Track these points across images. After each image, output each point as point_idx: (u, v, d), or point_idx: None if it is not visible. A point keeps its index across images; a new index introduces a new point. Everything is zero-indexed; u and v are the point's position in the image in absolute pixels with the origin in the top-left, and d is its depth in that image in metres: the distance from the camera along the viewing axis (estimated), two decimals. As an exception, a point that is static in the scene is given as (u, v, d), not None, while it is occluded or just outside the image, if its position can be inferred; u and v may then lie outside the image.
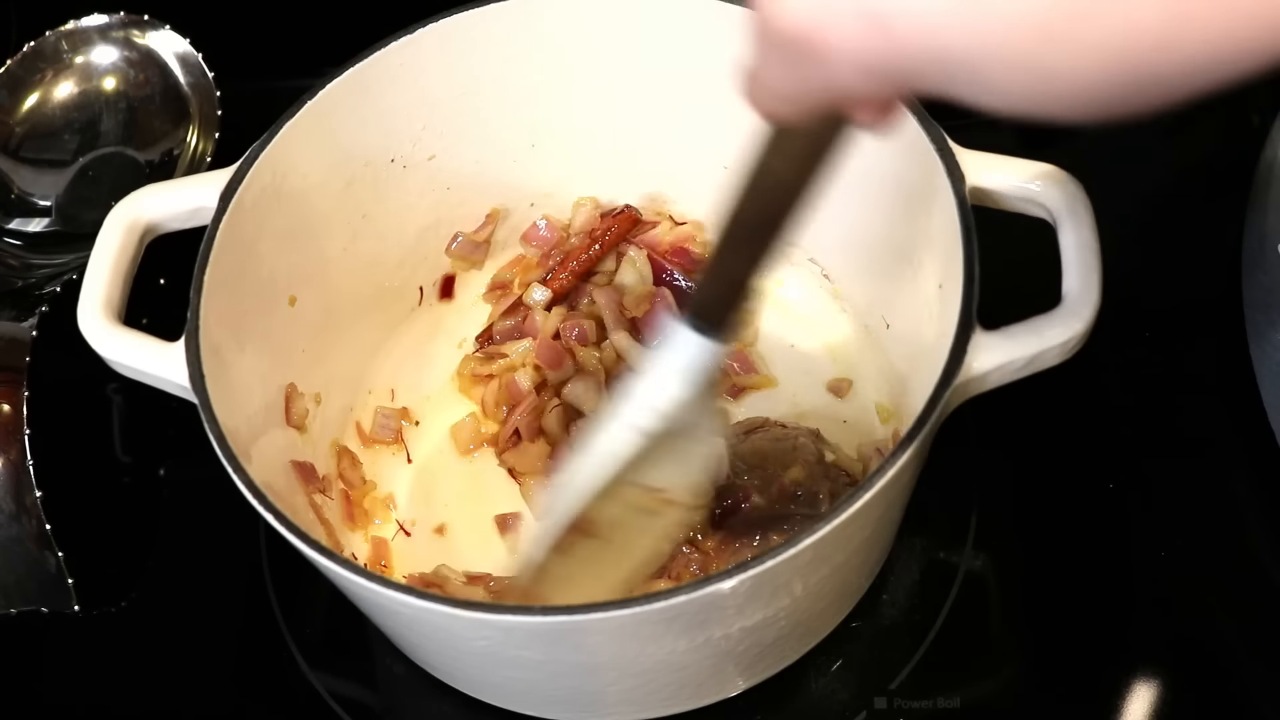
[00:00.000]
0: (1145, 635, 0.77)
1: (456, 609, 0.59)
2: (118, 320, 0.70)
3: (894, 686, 0.76)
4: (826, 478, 0.77)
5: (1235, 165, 0.90)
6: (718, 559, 0.75)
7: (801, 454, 0.77)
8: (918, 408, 0.62)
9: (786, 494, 0.76)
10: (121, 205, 0.73)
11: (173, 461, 0.91)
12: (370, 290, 0.87)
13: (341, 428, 0.85)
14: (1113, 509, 0.82)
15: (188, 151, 0.98)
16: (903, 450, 0.60)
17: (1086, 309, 0.63)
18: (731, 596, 0.59)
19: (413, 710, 0.80)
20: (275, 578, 0.83)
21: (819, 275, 0.88)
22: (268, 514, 0.63)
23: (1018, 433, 0.84)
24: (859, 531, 0.65)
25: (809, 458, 0.77)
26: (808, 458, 0.77)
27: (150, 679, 0.82)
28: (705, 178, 0.86)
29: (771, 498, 0.75)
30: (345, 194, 0.81)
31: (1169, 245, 0.92)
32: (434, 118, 0.82)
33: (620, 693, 0.70)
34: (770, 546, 0.69)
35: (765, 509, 0.75)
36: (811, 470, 0.76)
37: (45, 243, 0.97)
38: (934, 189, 0.69)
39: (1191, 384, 0.86)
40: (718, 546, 0.75)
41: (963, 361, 0.62)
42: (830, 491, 0.76)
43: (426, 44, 0.78)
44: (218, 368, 0.68)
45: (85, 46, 1.01)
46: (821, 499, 0.75)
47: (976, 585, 0.79)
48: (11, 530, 0.82)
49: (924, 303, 0.73)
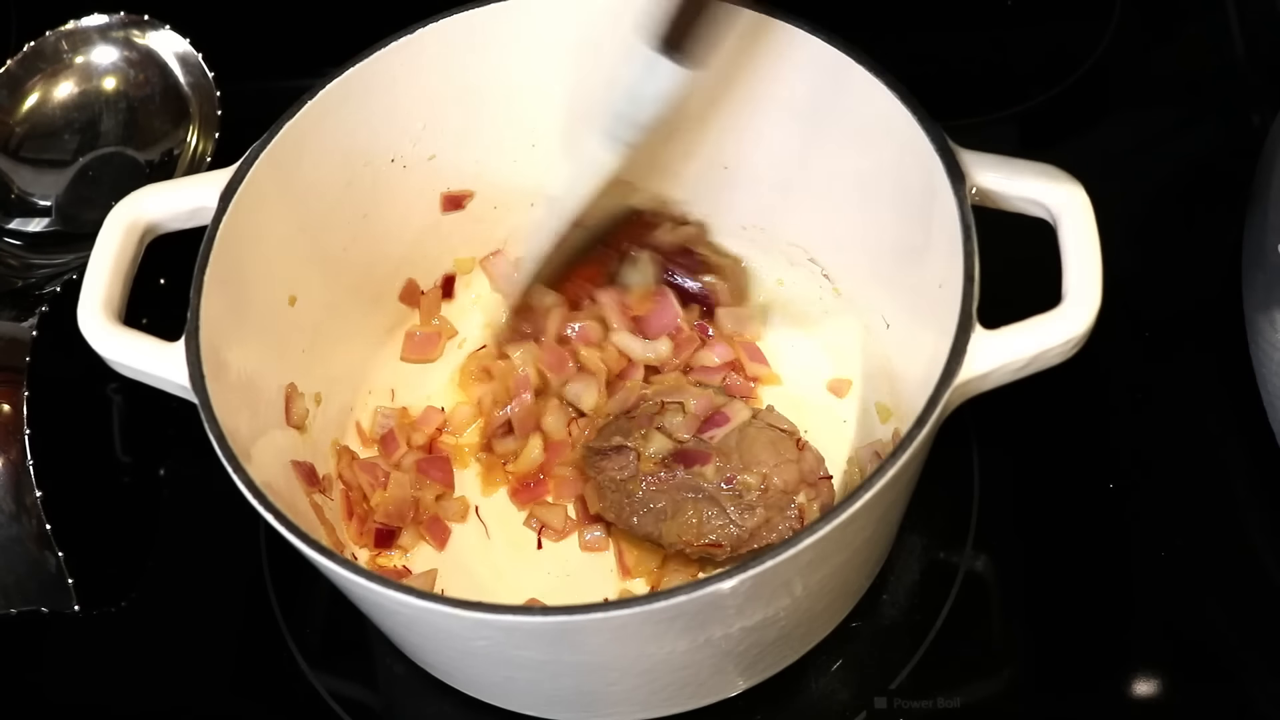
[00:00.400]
0: (1145, 635, 0.77)
1: (456, 609, 0.59)
2: (118, 320, 0.69)
3: (894, 686, 0.76)
4: (779, 509, 0.77)
5: (1235, 165, 0.90)
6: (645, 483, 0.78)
7: (779, 473, 0.78)
8: (918, 408, 0.62)
9: (732, 489, 0.77)
10: (121, 205, 0.73)
11: (173, 461, 0.91)
12: (370, 290, 0.87)
13: (341, 428, 0.85)
14: (1113, 509, 0.82)
15: (188, 151, 0.98)
16: (903, 450, 0.60)
17: (1086, 309, 0.63)
18: (731, 596, 0.59)
19: (413, 710, 0.80)
20: (275, 578, 0.83)
21: (819, 275, 0.88)
22: (268, 514, 0.63)
23: (1018, 432, 0.84)
24: (859, 531, 0.65)
25: (779, 482, 0.77)
26: (778, 480, 0.77)
27: (150, 679, 0.82)
28: (705, 177, 0.87)
29: (720, 480, 0.77)
30: (345, 194, 0.81)
31: (1169, 245, 0.92)
32: (434, 118, 0.82)
33: (621, 693, 0.70)
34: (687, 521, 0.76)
35: (707, 482, 0.77)
36: (770, 491, 0.77)
37: (45, 243, 0.97)
38: (934, 189, 0.69)
39: (1191, 384, 0.86)
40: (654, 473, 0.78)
41: (963, 361, 0.62)
42: (768, 520, 0.77)
43: (426, 44, 0.78)
44: (218, 368, 0.68)
45: (85, 46, 1.01)
46: (753, 517, 0.76)
47: (976, 585, 0.79)
48: (11, 530, 0.82)
49: (924, 303, 0.73)
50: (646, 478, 0.79)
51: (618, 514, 0.79)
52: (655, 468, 0.79)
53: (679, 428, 0.80)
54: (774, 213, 0.87)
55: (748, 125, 0.82)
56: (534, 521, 0.83)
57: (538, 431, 0.85)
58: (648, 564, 0.80)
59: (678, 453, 0.79)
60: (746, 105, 0.81)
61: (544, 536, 0.82)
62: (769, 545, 0.74)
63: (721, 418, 0.80)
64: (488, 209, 0.89)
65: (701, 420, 0.80)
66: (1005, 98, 1.02)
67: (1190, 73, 1.02)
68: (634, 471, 0.79)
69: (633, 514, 0.78)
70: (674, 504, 0.78)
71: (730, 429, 0.79)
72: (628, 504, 0.79)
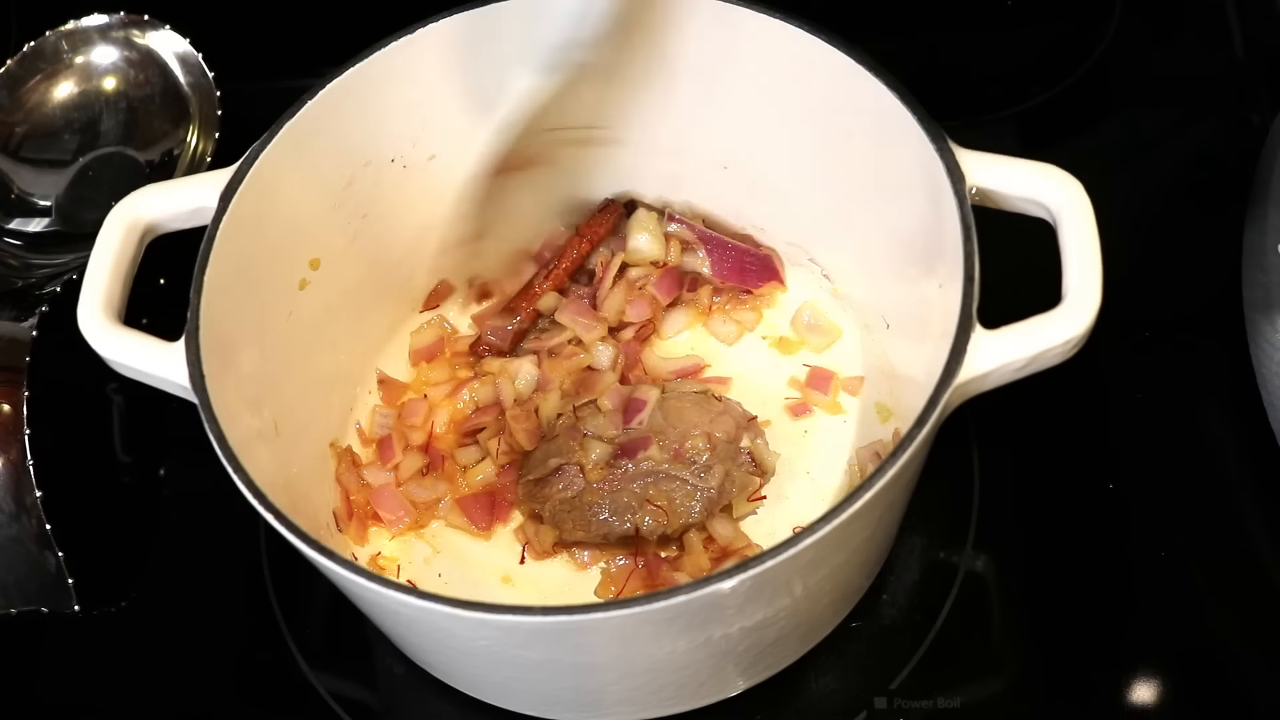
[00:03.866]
0: (1145, 635, 0.77)
1: (456, 609, 0.59)
2: (118, 320, 0.69)
3: (894, 686, 0.76)
4: (731, 459, 0.78)
5: (1235, 165, 0.90)
6: (599, 490, 0.78)
7: (716, 427, 0.78)
8: (918, 408, 0.62)
9: (682, 458, 0.78)
10: (121, 205, 0.73)
11: (173, 461, 0.91)
12: (370, 290, 0.86)
13: (342, 428, 0.85)
14: (1113, 509, 0.82)
15: (188, 151, 0.98)
16: (903, 450, 0.60)
17: (1086, 309, 0.63)
18: (731, 596, 0.59)
19: (413, 710, 0.80)
20: (275, 578, 0.83)
21: (819, 275, 0.88)
22: (268, 514, 0.63)
23: (1018, 432, 0.84)
24: (859, 531, 0.65)
25: (721, 434, 0.78)
26: (720, 433, 0.78)
27: (150, 679, 0.82)
28: (706, 178, 0.87)
29: (668, 456, 0.78)
30: (345, 194, 0.81)
31: (1169, 245, 0.92)
32: (435, 117, 0.82)
33: (620, 693, 0.70)
34: (650, 504, 0.76)
35: (658, 464, 0.78)
36: (717, 446, 0.77)
37: (45, 243, 0.97)
38: (934, 189, 0.69)
39: (1192, 384, 0.86)
40: (604, 477, 0.78)
41: (963, 361, 0.62)
42: (727, 473, 0.77)
43: (426, 44, 0.78)
44: (218, 368, 0.68)
45: (85, 46, 1.01)
46: (714, 475, 0.77)
47: (976, 585, 0.79)
48: (11, 530, 0.82)
49: (924, 303, 0.73)
50: (598, 484, 0.78)
51: (586, 530, 0.78)
52: (602, 472, 0.79)
53: (604, 427, 0.80)
54: (774, 213, 0.87)
55: (748, 125, 0.82)
56: (520, 534, 0.82)
57: (496, 449, 0.84)
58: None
59: (617, 449, 0.79)
60: (746, 105, 0.81)
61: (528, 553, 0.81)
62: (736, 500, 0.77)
63: (638, 403, 0.81)
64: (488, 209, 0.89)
65: (621, 412, 0.81)
66: (1005, 98, 1.02)
67: (1190, 73, 1.02)
68: (583, 484, 0.79)
69: (600, 524, 0.78)
70: (636, 495, 0.78)
71: (651, 409, 0.80)
72: (591, 518, 0.78)
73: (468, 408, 0.86)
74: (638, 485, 0.78)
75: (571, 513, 0.79)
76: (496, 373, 0.86)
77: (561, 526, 0.79)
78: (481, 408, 0.86)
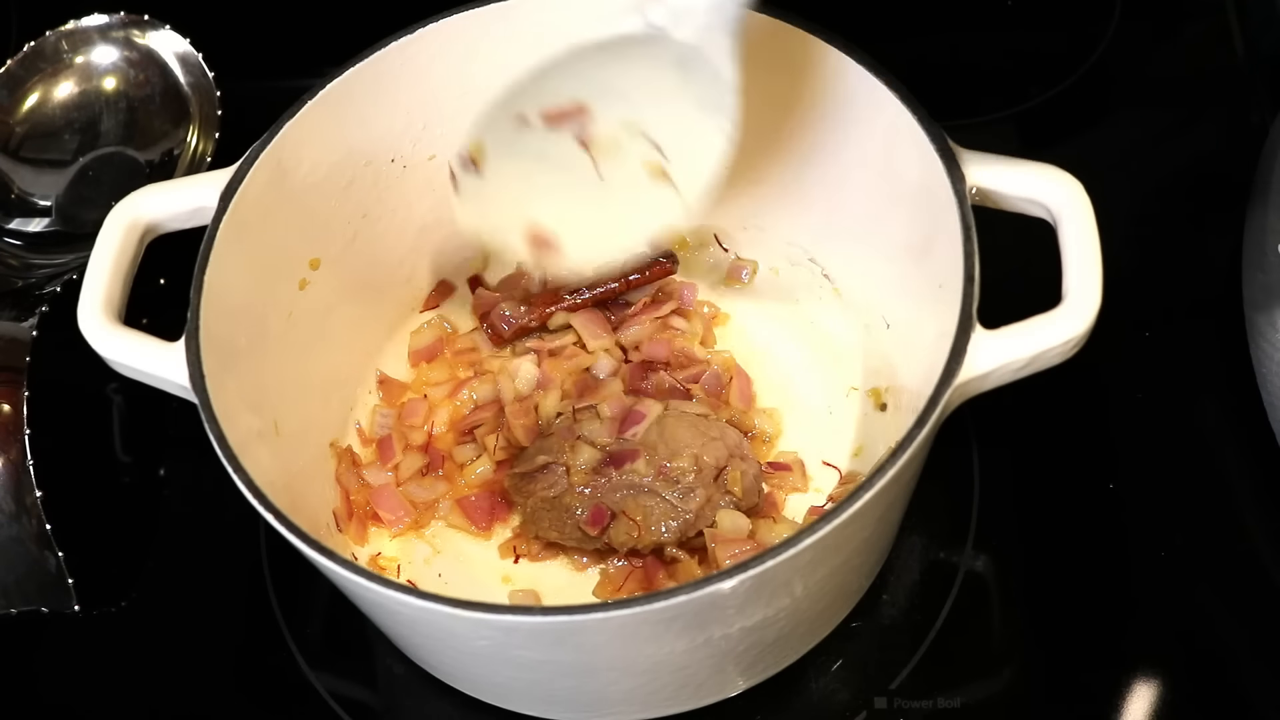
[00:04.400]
0: (1145, 635, 0.77)
1: (456, 609, 0.59)
2: (118, 320, 0.70)
3: (894, 686, 0.76)
4: (716, 486, 0.77)
5: (1235, 165, 0.90)
6: (580, 494, 0.78)
7: (706, 451, 0.78)
8: (918, 408, 0.62)
9: (667, 476, 0.77)
10: (121, 205, 0.73)
11: (173, 461, 0.91)
12: (370, 290, 0.87)
13: (342, 428, 0.85)
14: (1113, 509, 0.82)
15: (188, 151, 0.98)
16: (903, 450, 0.60)
17: (1086, 309, 0.63)
18: (731, 596, 0.59)
19: (413, 710, 0.80)
20: (275, 578, 0.83)
21: (819, 275, 0.88)
22: (268, 514, 0.63)
23: (1018, 432, 0.84)
24: (859, 531, 0.65)
25: (710, 459, 0.78)
26: (709, 458, 0.78)
27: (150, 679, 0.82)
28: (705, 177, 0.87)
29: (654, 472, 0.78)
30: (346, 194, 0.81)
31: (1169, 245, 0.92)
32: (435, 117, 0.82)
33: (620, 693, 0.70)
34: (625, 516, 0.76)
35: (640, 477, 0.77)
36: (704, 470, 0.77)
37: (45, 243, 0.97)
38: (934, 189, 0.69)
39: (1191, 384, 0.86)
40: (588, 482, 0.78)
41: (963, 361, 0.62)
42: (709, 498, 0.77)
43: (427, 43, 0.78)
44: (218, 368, 0.68)
45: (85, 46, 1.01)
46: (694, 498, 0.76)
47: (976, 585, 0.79)
48: (11, 530, 0.82)
49: (924, 303, 0.73)
50: (580, 488, 0.78)
51: (560, 532, 0.79)
52: (587, 477, 0.78)
53: (599, 433, 0.80)
54: (774, 213, 0.87)
55: (747, 126, 0.82)
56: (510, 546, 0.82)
57: (494, 445, 0.84)
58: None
59: (606, 457, 0.79)
60: (746, 106, 0.81)
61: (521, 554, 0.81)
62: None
63: (637, 415, 0.80)
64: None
65: (619, 421, 0.80)
66: (1005, 98, 1.02)
67: (1190, 73, 1.02)
68: (565, 486, 0.79)
69: (573, 528, 0.78)
70: (614, 505, 0.77)
71: (649, 423, 0.80)
72: (568, 519, 0.78)
73: (466, 406, 0.86)
74: (618, 495, 0.78)
75: (550, 512, 0.79)
76: (497, 371, 0.86)
77: (538, 524, 0.79)
78: (480, 405, 0.86)
